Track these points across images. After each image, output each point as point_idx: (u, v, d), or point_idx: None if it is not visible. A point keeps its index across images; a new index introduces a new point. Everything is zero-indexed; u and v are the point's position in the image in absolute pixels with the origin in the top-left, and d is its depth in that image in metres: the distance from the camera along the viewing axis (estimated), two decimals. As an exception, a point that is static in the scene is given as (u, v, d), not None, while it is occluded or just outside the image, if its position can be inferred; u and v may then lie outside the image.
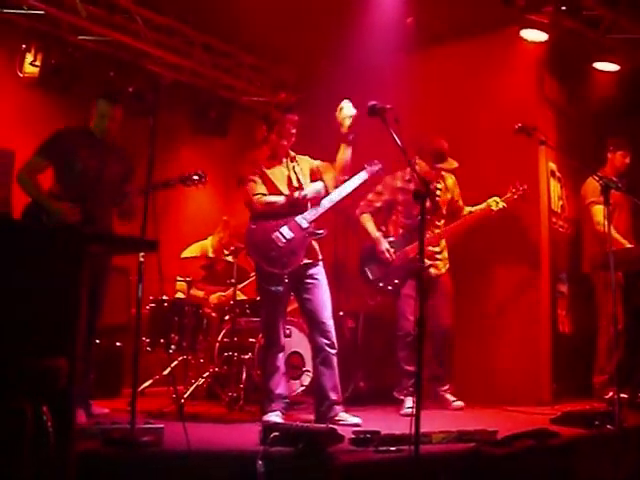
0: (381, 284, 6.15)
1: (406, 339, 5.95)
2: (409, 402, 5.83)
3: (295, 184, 5.27)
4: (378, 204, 6.26)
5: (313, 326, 5.22)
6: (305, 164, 5.41)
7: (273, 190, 5.22)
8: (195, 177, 5.39)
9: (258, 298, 5.94)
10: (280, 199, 5.17)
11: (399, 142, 3.96)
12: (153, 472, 3.65)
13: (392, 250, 6.10)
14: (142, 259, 4.01)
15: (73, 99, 6.85)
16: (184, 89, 7.86)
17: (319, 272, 5.26)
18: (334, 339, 5.19)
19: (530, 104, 6.78)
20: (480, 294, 6.68)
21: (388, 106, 4.18)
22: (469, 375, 6.55)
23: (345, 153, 5.14)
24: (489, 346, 6.69)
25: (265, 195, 5.20)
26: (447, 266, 6.29)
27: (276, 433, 3.85)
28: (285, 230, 5.12)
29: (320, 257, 5.30)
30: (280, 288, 5.11)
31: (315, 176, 5.35)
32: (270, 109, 5.35)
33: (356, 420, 5.04)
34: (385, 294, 6.18)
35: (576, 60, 6.95)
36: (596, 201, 6.55)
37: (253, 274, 6.11)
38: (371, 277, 6.18)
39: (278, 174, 5.27)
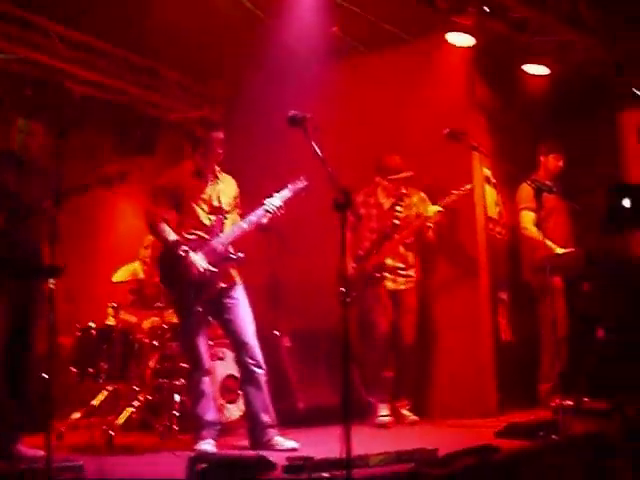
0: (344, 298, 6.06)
1: (379, 343, 5.99)
2: (383, 410, 5.72)
3: (215, 204, 5.09)
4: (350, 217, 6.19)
5: (237, 347, 5.06)
6: (230, 186, 5.26)
7: (189, 209, 5.03)
8: (114, 177, 4.88)
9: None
10: (169, 237, 4.96)
11: (319, 152, 3.84)
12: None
13: (352, 265, 6.07)
14: (52, 286, 3.73)
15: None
16: (108, 107, 7.59)
17: (238, 293, 5.10)
18: (260, 358, 5.02)
19: (462, 110, 6.67)
20: (419, 304, 6.51)
21: (308, 115, 4.10)
22: (412, 388, 6.36)
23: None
24: (430, 358, 6.53)
25: (164, 220, 4.99)
26: (411, 285, 6.24)
27: (203, 464, 3.63)
28: (199, 256, 4.92)
29: (237, 280, 5.14)
30: (192, 316, 4.95)
31: (233, 201, 5.23)
32: (194, 126, 5.14)
33: (292, 444, 4.84)
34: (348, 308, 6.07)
35: (506, 64, 6.88)
36: (527, 207, 6.51)
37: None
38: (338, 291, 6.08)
39: (199, 193, 5.07)
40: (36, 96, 6.13)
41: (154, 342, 6.38)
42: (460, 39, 6.34)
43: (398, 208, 6.22)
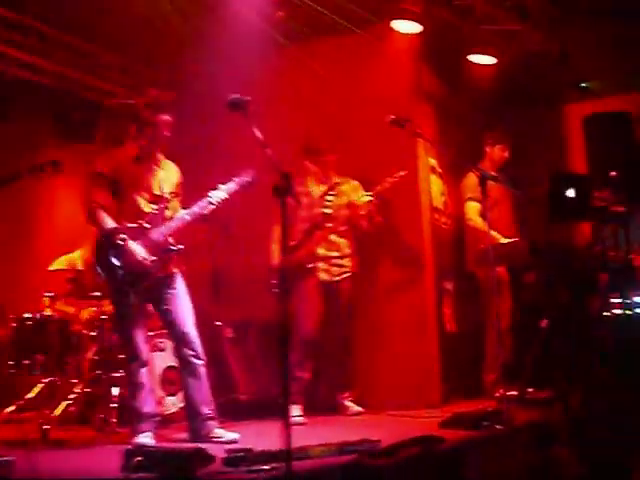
0: (276, 290, 5.94)
1: (299, 343, 5.79)
2: (296, 410, 5.59)
3: (157, 192, 4.94)
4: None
5: (177, 338, 4.94)
6: (172, 173, 5.10)
7: (129, 196, 4.87)
8: (47, 165, 4.71)
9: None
10: (106, 225, 4.78)
11: (260, 136, 3.75)
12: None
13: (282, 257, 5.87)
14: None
15: None
16: (45, 92, 7.35)
17: (176, 283, 4.96)
18: (200, 350, 4.90)
19: (408, 98, 6.59)
20: (362, 295, 6.43)
21: (248, 98, 4.00)
22: (355, 380, 6.29)
23: None
24: (374, 349, 6.44)
25: (102, 208, 4.81)
26: (346, 275, 6.13)
27: (139, 458, 3.50)
28: (137, 245, 4.77)
29: (176, 270, 5.00)
30: (128, 306, 4.80)
31: (175, 190, 5.08)
32: (140, 109, 4.96)
33: (233, 436, 4.74)
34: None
35: (453, 53, 6.83)
36: (472, 197, 6.50)
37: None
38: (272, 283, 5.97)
39: (141, 178, 4.91)
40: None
41: (92, 333, 6.22)
42: (406, 26, 6.28)
43: (329, 197, 6.07)
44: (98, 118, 7.71)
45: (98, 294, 5.92)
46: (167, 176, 5.02)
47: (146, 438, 4.66)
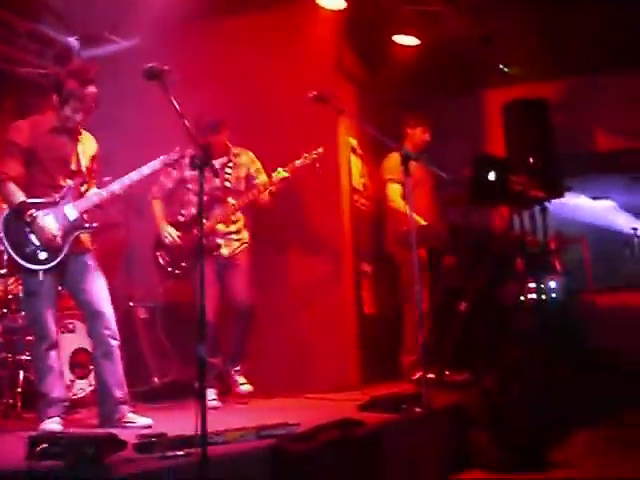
0: (170, 269, 5.74)
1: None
2: (211, 394, 5.45)
3: (73, 166, 4.70)
4: (169, 185, 5.85)
5: (91, 317, 4.70)
6: (90, 145, 4.85)
7: (43, 168, 4.61)
8: None
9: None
10: (14, 199, 4.51)
11: (177, 107, 3.60)
12: None
13: (178, 234, 5.71)
14: None
15: None
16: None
17: (89, 261, 4.74)
18: (115, 329, 4.69)
19: (329, 77, 6.51)
20: (280, 276, 6.35)
21: (166, 67, 3.82)
22: (271, 363, 6.18)
23: None
24: (292, 331, 6.34)
25: (12, 179, 4.54)
26: (244, 247, 5.92)
27: (45, 445, 3.30)
28: (48, 220, 4.52)
29: (89, 247, 4.78)
30: (37, 284, 4.54)
31: (91, 164, 4.83)
32: (64, 78, 4.64)
33: (146, 421, 4.56)
34: (178, 279, 5.75)
35: (376, 32, 6.78)
36: (392, 179, 6.48)
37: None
38: (161, 262, 5.77)
39: (58, 150, 4.66)
40: None
41: (-1, 313, 5.94)
42: (330, 2, 6.17)
43: (227, 170, 5.87)
44: (5, 87, 7.35)
45: (3, 272, 5.63)
46: (84, 149, 4.79)
47: (54, 424, 4.44)
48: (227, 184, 5.83)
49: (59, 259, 4.55)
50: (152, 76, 3.80)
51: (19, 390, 5.35)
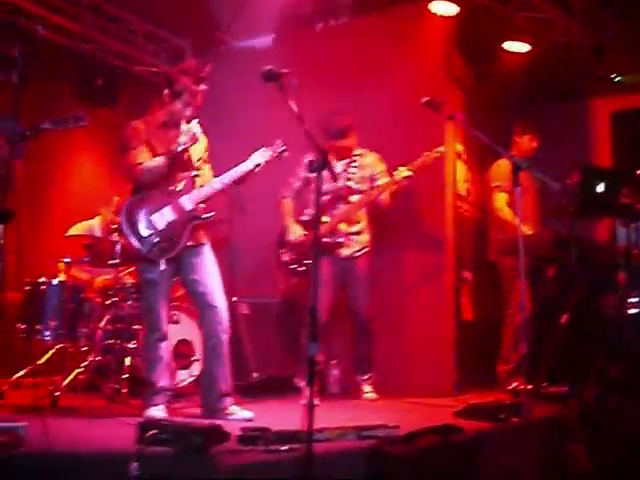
0: (292, 266, 5.89)
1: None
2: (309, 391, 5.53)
3: (186, 159, 4.81)
4: (297, 184, 6.03)
5: (203, 309, 4.81)
6: (200, 139, 4.93)
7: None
8: (71, 119, 4.35)
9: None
10: (159, 160, 4.69)
11: (295, 110, 3.65)
12: (8, 478, 3.17)
13: (304, 232, 5.85)
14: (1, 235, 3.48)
15: None
16: (69, 54, 7.27)
17: (205, 253, 4.85)
18: (226, 323, 4.79)
19: (438, 82, 6.48)
20: (381, 280, 6.35)
21: (285, 70, 3.91)
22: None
23: None
24: (390, 335, 6.33)
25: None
26: (365, 250, 6.00)
27: (154, 431, 3.43)
28: (166, 212, 4.67)
29: (205, 240, 4.89)
30: (156, 274, 4.66)
31: (203, 157, 4.97)
32: (178, 74, 4.79)
33: (247, 414, 4.66)
34: (301, 276, 5.88)
35: (486, 39, 6.74)
36: (500, 186, 6.41)
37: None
38: (285, 261, 5.94)
39: (171, 144, 4.76)
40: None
41: (106, 302, 6.15)
42: (443, 8, 6.17)
43: (351, 170, 5.97)
44: (120, 84, 7.62)
45: (115, 262, 5.83)
46: (197, 147, 4.90)
47: (158, 411, 4.59)
48: (351, 184, 5.92)
49: (178, 249, 4.67)
50: (270, 78, 3.88)
51: (125, 376, 5.52)
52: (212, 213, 4.81)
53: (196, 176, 4.84)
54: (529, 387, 5.35)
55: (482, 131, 6.65)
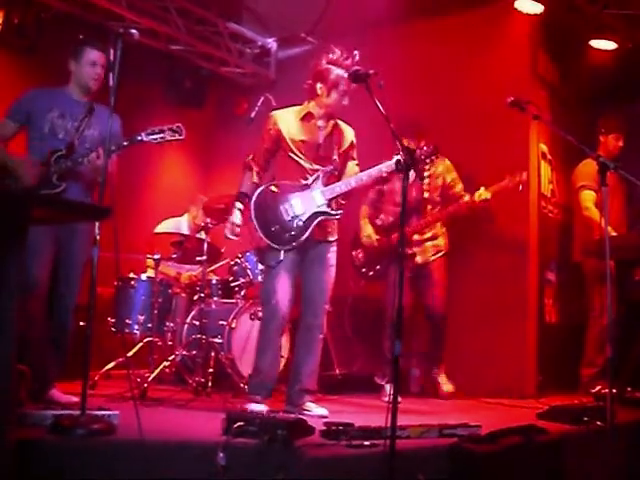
0: (364, 269, 5.96)
1: (391, 327, 5.61)
2: (391, 389, 5.56)
3: (323, 153, 4.78)
4: (372, 194, 6.08)
5: (305, 304, 4.81)
6: (347, 134, 4.91)
7: (295, 152, 4.75)
8: (168, 132, 4.53)
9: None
10: (245, 185, 4.83)
11: (382, 110, 3.68)
12: (103, 463, 3.31)
13: (376, 237, 5.87)
14: (97, 235, 3.62)
15: (38, 61, 6.49)
16: (159, 56, 7.48)
17: (329, 251, 4.83)
18: (323, 322, 4.83)
19: (523, 82, 6.45)
20: (464, 281, 6.33)
21: (372, 71, 3.93)
22: (452, 365, 6.17)
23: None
24: (472, 335, 6.33)
25: (255, 161, 4.84)
26: (440, 254, 6.04)
27: (241, 423, 3.53)
28: (295, 203, 4.69)
29: (333, 237, 4.87)
30: (276, 263, 4.67)
31: (345, 153, 4.91)
32: (328, 68, 4.70)
33: (322, 411, 4.70)
34: (370, 280, 5.98)
35: (572, 37, 6.65)
36: (586, 185, 6.32)
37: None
38: (356, 262, 6.01)
39: (310, 135, 4.77)
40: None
41: (193, 297, 6.32)
42: (528, 7, 6.12)
43: (425, 180, 5.95)
44: (208, 84, 7.78)
45: (202, 258, 5.99)
46: (339, 138, 4.87)
47: (260, 406, 4.62)
48: (425, 194, 5.94)
49: (300, 241, 4.67)
50: (358, 79, 3.92)
51: (210, 370, 5.67)
52: (341, 211, 4.79)
53: (333, 170, 4.81)
54: (613, 391, 5.28)
55: (567, 131, 6.60)
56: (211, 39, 7.65)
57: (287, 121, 4.80)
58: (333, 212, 4.75)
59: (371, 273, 5.95)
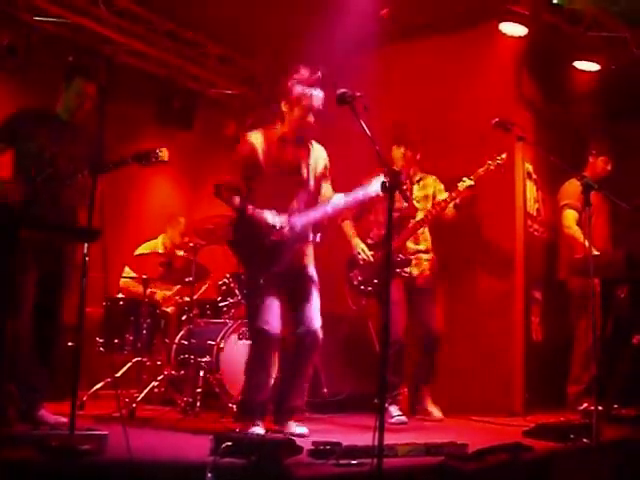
0: (362, 287, 5.88)
1: (394, 347, 5.48)
2: (395, 410, 5.59)
3: (303, 176, 4.76)
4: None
5: (298, 324, 4.76)
6: (320, 156, 4.88)
7: (272, 177, 4.70)
8: (153, 155, 4.57)
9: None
10: (234, 202, 4.70)
11: (368, 132, 3.71)
12: (91, 483, 3.32)
13: (371, 253, 5.78)
14: (86, 254, 3.65)
15: (27, 82, 6.54)
16: (148, 78, 7.54)
17: (309, 274, 4.82)
18: (316, 345, 4.79)
19: (507, 102, 6.53)
20: (451, 299, 6.38)
21: (358, 94, 3.91)
22: (439, 382, 6.18)
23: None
24: (459, 353, 6.34)
25: (234, 188, 4.71)
26: (432, 267, 6.00)
27: (228, 443, 3.54)
28: (269, 215, 4.62)
29: (310, 261, 4.86)
30: (257, 286, 4.64)
31: (321, 175, 4.88)
32: (290, 86, 4.69)
33: (302, 430, 4.68)
34: (369, 297, 5.89)
35: (556, 58, 6.73)
36: (570, 204, 6.38)
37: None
38: (354, 282, 5.91)
39: (286, 159, 4.73)
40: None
41: (182, 317, 6.34)
42: (512, 29, 6.21)
43: (415, 190, 5.96)
44: (196, 107, 7.83)
45: (189, 280, 6.02)
46: (315, 159, 4.84)
47: (260, 429, 4.60)
48: (419, 205, 5.94)
49: (279, 266, 4.64)
50: (344, 101, 3.92)
51: (199, 390, 5.68)
52: (319, 235, 4.78)
53: (311, 194, 4.81)
54: (599, 408, 5.32)
55: (552, 151, 6.68)
56: (200, 61, 7.71)
57: (260, 143, 4.74)
58: (311, 238, 4.77)
59: (370, 288, 5.87)
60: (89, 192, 3.82)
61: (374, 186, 4.51)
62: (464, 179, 5.75)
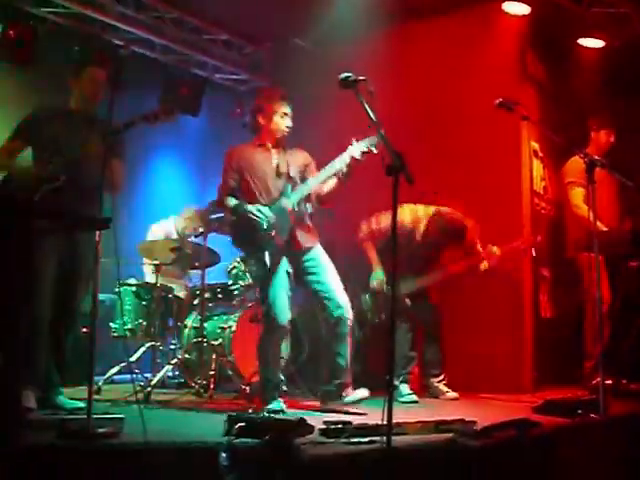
0: (369, 315, 6.03)
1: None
2: (405, 389, 5.68)
3: (282, 171, 5.01)
4: (380, 238, 5.94)
5: (329, 304, 4.93)
6: (299, 157, 5.13)
7: (254, 180, 5.01)
8: (162, 112, 4.48)
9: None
10: (229, 204, 5.00)
11: (372, 116, 3.71)
12: (109, 465, 3.40)
13: (387, 286, 5.82)
14: (98, 241, 3.70)
15: (35, 72, 6.60)
16: (154, 65, 7.57)
17: (318, 254, 5.02)
18: (350, 318, 4.96)
19: (512, 81, 6.53)
20: (460, 279, 6.40)
21: (361, 77, 3.92)
22: (448, 360, 6.23)
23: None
24: (468, 331, 6.38)
25: (231, 196, 5.02)
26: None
27: (242, 424, 3.63)
28: (265, 211, 4.87)
29: (315, 238, 5.06)
30: (263, 269, 4.85)
31: (302, 173, 5.08)
32: (261, 102, 5.10)
33: (363, 393, 4.87)
34: (373, 327, 6.07)
35: (559, 36, 6.74)
36: (575, 182, 6.37)
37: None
38: (364, 307, 6.03)
39: (264, 162, 5.04)
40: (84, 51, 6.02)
41: (194, 301, 6.41)
42: (516, 8, 6.22)
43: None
44: (204, 92, 7.85)
45: (201, 264, 6.08)
46: (293, 159, 5.08)
47: (279, 403, 4.80)
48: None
49: (282, 247, 4.85)
50: (347, 85, 3.93)
51: (212, 372, 5.77)
52: (310, 205, 5.00)
53: (293, 186, 4.99)
54: (608, 383, 5.36)
55: (557, 128, 6.70)
56: (206, 46, 7.74)
57: (244, 155, 5.05)
58: (305, 212, 4.98)
59: (376, 320, 6.00)
60: (105, 169, 3.88)
61: (348, 151, 4.70)
62: (492, 248, 5.93)
